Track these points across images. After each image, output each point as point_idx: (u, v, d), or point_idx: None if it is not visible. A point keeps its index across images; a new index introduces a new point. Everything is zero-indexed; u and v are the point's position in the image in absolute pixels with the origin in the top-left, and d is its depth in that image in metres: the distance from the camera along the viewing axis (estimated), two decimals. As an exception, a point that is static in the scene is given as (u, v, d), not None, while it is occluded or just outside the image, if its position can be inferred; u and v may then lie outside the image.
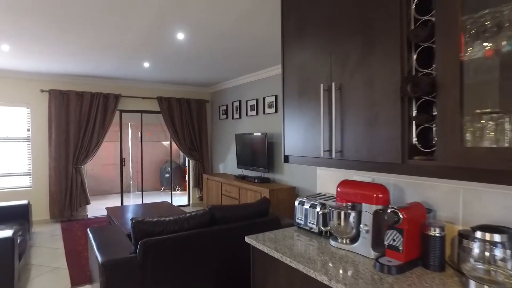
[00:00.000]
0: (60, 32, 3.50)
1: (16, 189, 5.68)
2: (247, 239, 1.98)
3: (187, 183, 9.56)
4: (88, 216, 6.29)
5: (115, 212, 4.82)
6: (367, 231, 1.62)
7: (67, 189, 5.86)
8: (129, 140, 9.46)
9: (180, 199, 8.31)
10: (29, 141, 5.78)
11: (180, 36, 3.64)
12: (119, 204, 7.84)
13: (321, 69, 1.81)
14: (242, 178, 5.58)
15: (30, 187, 5.79)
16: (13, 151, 5.79)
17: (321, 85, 1.78)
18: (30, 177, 5.81)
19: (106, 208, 5.10)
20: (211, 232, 2.77)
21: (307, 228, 2.04)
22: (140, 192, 9.69)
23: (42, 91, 5.73)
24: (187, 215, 2.82)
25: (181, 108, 6.86)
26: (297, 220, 2.13)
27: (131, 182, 9.57)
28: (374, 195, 1.62)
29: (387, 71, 1.45)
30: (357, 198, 1.71)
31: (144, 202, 7.22)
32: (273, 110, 5.38)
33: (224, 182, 5.69)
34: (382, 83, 1.48)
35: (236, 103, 6.35)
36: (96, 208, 7.38)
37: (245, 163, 5.78)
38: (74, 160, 5.91)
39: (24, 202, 4.59)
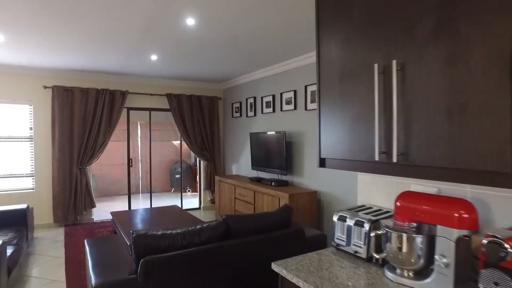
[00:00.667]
0: (59, 20, 3.12)
1: (18, 191, 5.37)
2: (275, 267, 1.54)
3: (198, 185, 9.20)
4: (94, 219, 5.95)
5: (121, 218, 4.45)
6: (446, 265, 1.16)
7: (72, 191, 5.53)
8: (138, 139, 9.13)
9: (190, 201, 7.93)
10: (32, 141, 5.47)
11: (190, 21, 3.22)
12: (126, 206, 7.51)
13: (374, 44, 1.36)
14: (258, 180, 5.15)
15: (33, 189, 5.47)
16: (15, 151, 5.49)
17: (375, 65, 1.33)
18: (32, 179, 5.49)
19: (111, 213, 4.74)
20: (226, 247, 2.35)
21: (351, 251, 1.60)
22: (149, 194, 9.40)
23: (45, 87, 5.41)
24: (198, 227, 2.40)
25: (191, 105, 6.46)
26: (336, 240, 1.69)
27: (140, 183, 9.24)
28: (456, 214, 1.17)
29: (488, 39, 1.00)
30: (427, 217, 1.26)
31: (153, 205, 6.86)
32: (291, 106, 4.94)
33: (238, 185, 5.28)
34: (476, 58, 1.03)
35: (251, 100, 5.93)
36: (103, 211, 7.06)
37: (260, 164, 5.35)
38: (78, 160, 5.57)
39: (23, 206, 4.25)
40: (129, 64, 5.06)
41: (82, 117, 5.62)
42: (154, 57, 4.65)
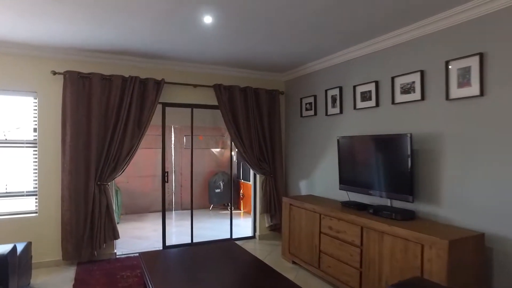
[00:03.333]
0: None
1: (16, 217, 3.81)
2: None
3: (241, 200, 7.48)
4: (117, 253, 4.31)
5: (152, 265, 2.76)
6: None
7: (87, 217, 3.91)
8: (172, 146, 7.54)
9: (239, 224, 6.20)
10: (35, 146, 3.92)
11: None
12: (158, 229, 5.87)
13: None
14: (358, 208, 3.35)
15: (36, 213, 3.91)
16: (13, 160, 3.95)
17: None
18: (35, 199, 3.93)
19: (140, 256, 3.07)
20: None
21: None
22: (183, 211, 7.72)
23: (55, 73, 3.86)
24: None
25: (246, 101, 4.77)
26: None
27: (173, 198, 7.62)
28: None
29: None
30: None
31: (194, 232, 5.16)
32: (415, 95, 3.13)
33: (326, 214, 3.49)
34: None
35: (334, 92, 4.16)
36: (129, 235, 5.44)
37: (358, 183, 3.54)
38: (97, 174, 3.97)
39: (5, 249, 2.64)
40: (167, 37, 3.42)
41: (103, 115, 4.03)
42: (208, 19, 2.98)
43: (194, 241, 4.82)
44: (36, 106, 3.92)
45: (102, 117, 4.02)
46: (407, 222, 2.84)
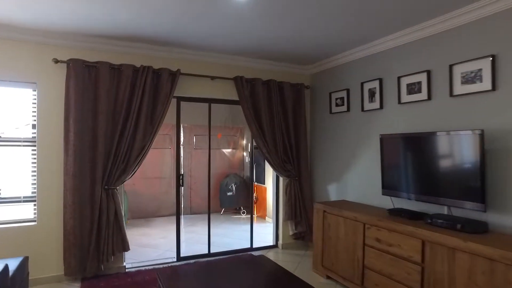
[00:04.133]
0: None
1: (11, 226, 3.29)
2: None
3: (254, 204, 6.97)
4: (126, 267, 3.79)
5: (172, 284, 2.26)
6: None
7: (93, 226, 3.40)
8: (181, 146, 7.02)
9: (257, 231, 5.68)
10: (34, 145, 3.41)
11: None
12: (169, 235, 5.34)
13: None
14: (412, 217, 2.85)
15: (34, 221, 3.39)
16: (9, 161, 3.44)
17: None
18: (34, 205, 3.42)
19: (157, 274, 2.55)
20: None
21: None
22: (193, 215, 7.15)
23: (57, 61, 3.35)
24: None
25: (270, 95, 4.27)
26: None
27: (182, 202, 7.09)
28: None
29: None
30: None
31: (203, 234, 4.62)
32: (482, 86, 2.64)
33: (373, 224, 2.98)
34: None
35: (372, 84, 3.66)
36: (138, 243, 4.92)
37: (407, 188, 3.04)
38: (104, 177, 3.46)
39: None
40: (188, 20, 2.92)
41: (112, 110, 3.52)
42: (241, -7, 2.49)
43: (211, 251, 4.30)
44: (35, 99, 3.41)
45: (110, 112, 3.51)
46: (481, 235, 2.34)
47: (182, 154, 7.01)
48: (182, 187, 4.25)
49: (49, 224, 3.38)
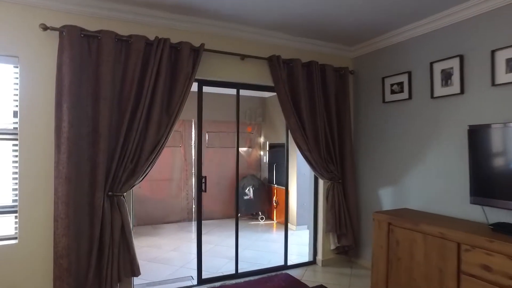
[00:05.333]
0: None
1: (-16, 245, 2.41)
2: None
3: (274, 209, 6.11)
4: (135, 293, 2.93)
5: None
6: None
7: (93, 245, 2.52)
8: (192, 144, 6.15)
9: (276, 240, 4.82)
10: (16, 139, 2.53)
11: None
12: (178, 245, 4.46)
13: None
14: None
15: (15, 238, 2.51)
16: (-18, 159, 2.57)
17: None
18: (15, 218, 2.54)
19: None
20: None
21: None
22: (205, 221, 6.11)
23: (46, 28, 2.47)
24: None
25: (311, 80, 3.41)
26: None
27: (192, 206, 6.22)
28: None
29: None
30: None
31: (217, 244, 3.73)
32: None
33: (475, 245, 2.12)
34: None
35: (447, 64, 2.79)
36: (145, 258, 4.03)
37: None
38: (108, 180, 2.58)
39: None
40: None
41: (118, 94, 2.65)
42: None
43: (238, 269, 3.43)
44: (17, 78, 2.54)
45: (115, 97, 2.64)
46: None
47: (193, 153, 6.14)
48: (204, 192, 3.38)
49: (34, 242, 2.50)
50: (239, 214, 6.24)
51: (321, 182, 3.67)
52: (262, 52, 3.28)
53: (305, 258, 3.83)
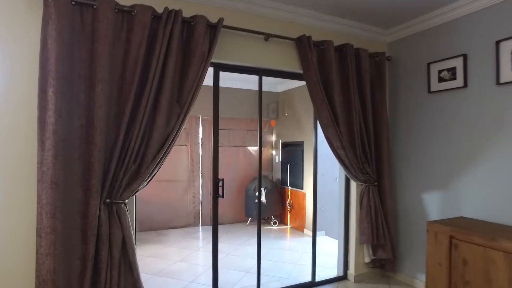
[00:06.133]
0: None
1: None
2: None
3: (288, 213, 5.55)
4: (139, 321, 2.36)
5: None
6: None
7: (87, 267, 1.96)
8: (200, 142, 5.60)
9: (293, 248, 4.27)
10: (-11, 133, 1.98)
11: None
12: (187, 255, 3.90)
13: None
14: None
15: (-12, 258, 1.96)
16: None
17: None
18: (-11, 232, 1.99)
19: None
20: None
21: None
22: (213, 226, 5.34)
23: (27, -5, 1.94)
24: None
25: (344, 66, 2.85)
26: None
27: (200, 210, 5.66)
28: None
29: None
30: None
31: (228, 253, 3.15)
32: None
33: None
34: None
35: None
36: (150, 271, 3.45)
37: None
38: (105, 185, 2.02)
39: None
40: None
41: (118, 77, 2.09)
42: None
43: (261, 286, 2.88)
44: (-10, 56, 1.99)
45: (115, 81, 2.08)
46: None
47: (200, 152, 5.58)
48: (221, 198, 2.84)
49: (9, 264, 1.95)
50: (249, 219, 5.73)
51: (353, 185, 3.12)
52: (288, 31, 2.72)
53: (333, 271, 3.28)
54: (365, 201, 2.98)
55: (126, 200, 2.12)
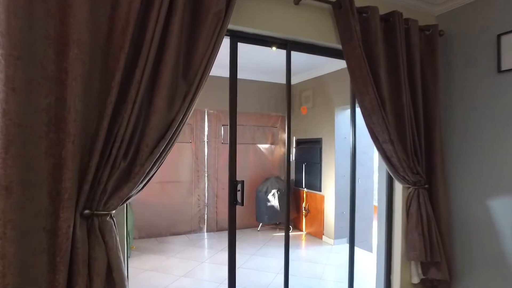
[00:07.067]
0: None
1: None
2: None
3: (303, 217, 4.94)
4: None
5: None
6: None
7: (55, 304, 1.35)
8: (205, 140, 4.99)
9: (308, 258, 3.66)
10: None
11: None
12: (192, 267, 3.28)
13: None
14: None
15: None
16: None
17: None
18: None
19: None
20: None
21: None
22: (220, 232, 4.89)
23: None
24: None
25: (392, 39, 2.24)
26: None
27: (205, 214, 5.04)
28: None
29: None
30: None
31: (238, 265, 2.56)
32: None
33: None
34: None
35: None
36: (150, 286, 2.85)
37: None
38: (82, 191, 1.40)
39: None
40: None
41: (103, 39, 1.47)
42: None
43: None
44: None
45: (97, 43, 1.47)
46: None
47: (206, 150, 4.97)
48: (238, 204, 2.22)
49: None
50: (260, 224, 5.11)
51: (397, 188, 2.51)
52: (324, -7, 2.11)
53: (371, 293, 2.67)
54: (413, 208, 2.36)
55: (113, 211, 1.51)
